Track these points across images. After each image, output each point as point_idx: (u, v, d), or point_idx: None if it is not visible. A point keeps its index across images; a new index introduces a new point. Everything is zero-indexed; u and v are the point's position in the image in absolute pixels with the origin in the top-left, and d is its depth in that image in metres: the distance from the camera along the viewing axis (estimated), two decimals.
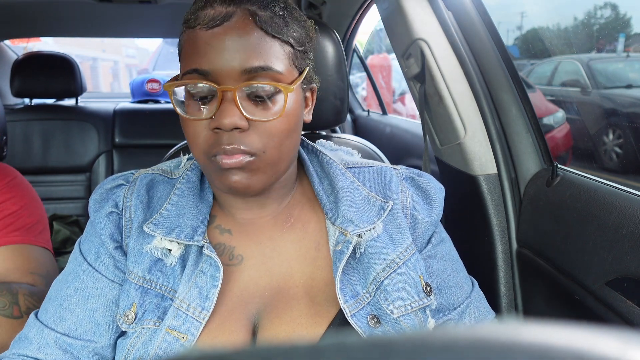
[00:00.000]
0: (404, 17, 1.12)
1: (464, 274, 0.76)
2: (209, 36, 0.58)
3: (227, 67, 0.58)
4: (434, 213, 0.74)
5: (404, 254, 0.68)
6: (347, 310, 0.63)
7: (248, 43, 0.58)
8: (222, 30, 0.58)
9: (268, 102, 0.60)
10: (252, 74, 0.58)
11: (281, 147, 0.61)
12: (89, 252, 0.70)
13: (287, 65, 0.61)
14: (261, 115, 0.59)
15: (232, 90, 0.58)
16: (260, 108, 0.60)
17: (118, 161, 2.18)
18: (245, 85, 0.58)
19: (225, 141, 0.59)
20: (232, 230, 0.70)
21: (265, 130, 0.60)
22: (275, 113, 0.60)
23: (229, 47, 0.57)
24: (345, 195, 0.69)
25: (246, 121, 0.59)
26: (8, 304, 0.89)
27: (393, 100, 6.65)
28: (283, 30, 0.60)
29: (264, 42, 0.58)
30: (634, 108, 3.35)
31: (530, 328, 0.17)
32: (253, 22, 0.58)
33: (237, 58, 0.57)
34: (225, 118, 0.57)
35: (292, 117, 0.62)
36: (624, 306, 0.76)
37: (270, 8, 0.60)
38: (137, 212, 0.69)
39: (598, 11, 4.38)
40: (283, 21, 0.60)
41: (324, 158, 0.74)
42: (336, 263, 0.65)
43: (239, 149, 0.59)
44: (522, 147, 1.07)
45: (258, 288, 0.67)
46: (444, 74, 1.10)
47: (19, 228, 1.01)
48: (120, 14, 2.12)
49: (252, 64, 0.58)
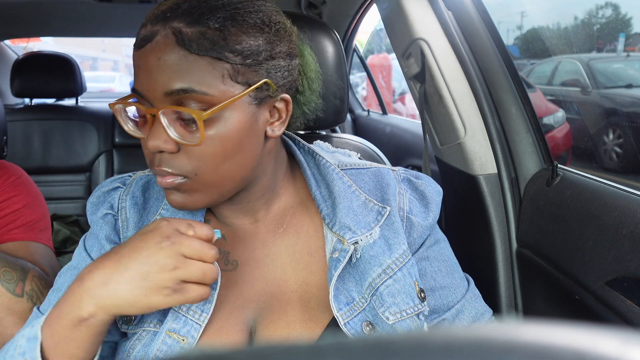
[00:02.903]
0: (404, 16, 1.12)
1: (458, 275, 0.76)
2: (137, 57, 0.57)
3: (151, 89, 0.56)
4: (430, 217, 0.73)
5: (399, 259, 0.68)
6: (341, 319, 0.63)
7: (167, 65, 0.55)
8: (146, 51, 0.56)
9: (193, 126, 0.57)
10: (175, 97, 0.56)
11: (218, 170, 0.59)
12: (92, 249, 0.70)
13: (221, 84, 0.56)
14: (189, 139, 0.57)
15: (155, 112, 0.57)
16: (188, 130, 0.57)
17: (118, 161, 2.18)
18: (163, 109, 0.56)
19: (156, 163, 0.59)
20: (225, 235, 0.70)
21: (194, 154, 0.58)
22: (198, 137, 0.56)
23: (152, 68, 0.56)
24: (342, 200, 0.68)
25: (174, 144, 0.57)
26: (15, 278, 0.90)
27: (393, 100, 6.65)
28: (216, 47, 0.55)
29: (185, 62, 0.55)
30: (634, 108, 3.35)
31: (530, 328, 0.17)
32: (175, 41, 0.55)
33: (158, 80, 0.55)
34: (149, 140, 0.57)
35: (230, 139, 0.58)
36: (624, 306, 0.76)
37: (202, 23, 0.55)
38: (132, 213, 0.69)
39: (599, 11, 4.38)
40: (220, 35, 0.55)
41: (321, 161, 0.73)
42: (331, 271, 0.65)
43: (167, 171, 0.59)
44: (522, 147, 1.07)
45: (253, 293, 0.67)
46: (444, 74, 1.10)
47: (21, 225, 1.02)
48: (120, 14, 2.12)
49: (172, 87, 0.55)
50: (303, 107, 0.71)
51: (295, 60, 0.64)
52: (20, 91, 2.16)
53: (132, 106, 0.61)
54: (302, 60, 0.68)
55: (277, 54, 0.60)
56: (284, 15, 0.64)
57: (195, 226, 0.57)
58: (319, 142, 0.83)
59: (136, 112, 0.62)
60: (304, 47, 0.69)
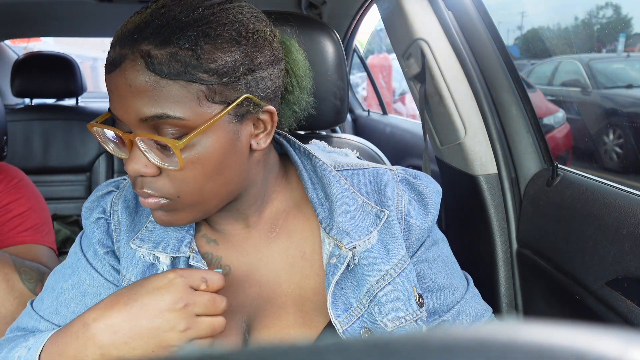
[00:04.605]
0: (404, 17, 1.12)
1: (458, 275, 0.75)
2: (108, 81, 0.55)
3: (125, 115, 0.54)
4: (429, 219, 0.72)
5: (398, 265, 0.66)
6: (339, 326, 0.63)
7: (138, 91, 0.52)
8: (115, 76, 0.54)
9: (171, 150, 0.55)
10: (151, 122, 0.53)
11: (202, 190, 0.58)
12: (88, 249, 0.70)
13: (197, 106, 0.53)
14: (169, 163, 0.55)
15: (132, 138, 0.55)
16: (167, 155, 0.55)
17: (118, 161, 2.18)
18: (139, 136, 0.54)
19: (138, 185, 0.58)
20: (217, 240, 0.69)
21: (175, 177, 0.56)
22: (177, 162, 0.55)
23: (123, 94, 0.53)
24: (340, 203, 0.67)
25: (154, 167, 0.56)
26: (34, 279, 0.91)
27: (393, 100, 6.65)
28: (188, 68, 0.52)
29: (157, 87, 0.52)
30: (634, 108, 3.35)
31: (530, 328, 0.16)
32: (144, 66, 0.52)
33: (131, 106, 0.53)
34: (129, 165, 0.56)
35: (211, 160, 0.56)
36: (624, 306, 0.76)
37: (172, 43, 0.52)
38: (124, 217, 0.69)
39: (599, 11, 4.38)
40: (192, 55, 0.52)
41: (317, 162, 0.70)
42: (329, 277, 0.64)
43: (149, 193, 0.58)
44: (523, 147, 1.07)
45: (247, 298, 0.66)
46: (444, 74, 1.09)
47: (28, 228, 1.03)
48: (120, 14, 2.12)
49: (145, 113, 0.53)
50: (293, 107, 0.68)
51: (280, 65, 0.61)
52: (20, 91, 2.16)
53: (109, 130, 0.59)
54: (289, 58, 0.65)
55: (256, 66, 0.56)
56: (264, 19, 0.60)
57: (209, 278, 0.56)
58: (315, 142, 0.81)
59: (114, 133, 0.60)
60: (292, 44, 0.66)
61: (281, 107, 0.67)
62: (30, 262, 0.94)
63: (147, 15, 0.53)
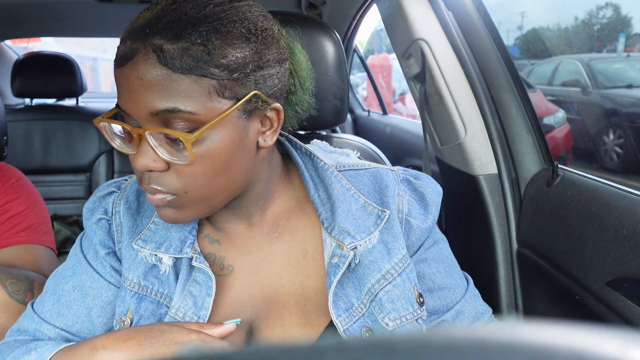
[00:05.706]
0: (404, 17, 1.12)
1: (458, 275, 0.75)
2: (118, 75, 0.55)
3: (135, 109, 0.54)
4: (429, 219, 0.72)
5: (399, 265, 0.67)
6: (340, 325, 0.63)
7: (150, 85, 0.52)
8: (127, 70, 0.54)
9: (181, 145, 0.55)
10: (161, 117, 0.54)
11: (210, 186, 0.58)
12: (89, 251, 0.70)
13: (208, 101, 0.54)
14: (179, 158, 0.55)
15: (141, 132, 0.55)
16: (177, 149, 0.56)
17: (118, 161, 2.18)
18: (149, 130, 0.54)
19: (145, 181, 0.58)
20: (220, 240, 0.69)
21: (184, 172, 0.56)
22: (187, 157, 0.55)
23: (134, 88, 0.53)
24: (341, 204, 0.67)
25: (163, 162, 0.56)
26: (23, 289, 0.90)
27: (393, 100, 6.65)
28: (200, 63, 0.53)
29: (169, 81, 0.52)
30: (634, 108, 3.35)
31: (530, 328, 0.16)
32: (157, 60, 0.52)
33: (142, 100, 0.53)
34: (138, 159, 0.56)
35: (221, 156, 0.56)
36: (624, 306, 0.76)
37: (184, 38, 0.52)
38: (125, 218, 0.68)
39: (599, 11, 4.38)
40: (204, 50, 0.53)
41: (319, 163, 0.70)
42: (330, 277, 0.64)
43: (156, 189, 0.57)
44: (523, 147, 1.07)
45: (250, 298, 0.66)
46: (444, 74, 1.10)
47: (26, 228, 1.02)
48: (120, 14, 2.12)
49: (156, 107, 0.53)
50: (295, 107, 0.69)
51: (286, 65, 0.62)
52: (20, 91, 2.16)
53: (117, 124, 0.59)
54: (293, 60, 0.65)
55: (265, 63, 0.57)
56: (271, 18, 0.61)
57: (229, 338, 0.59)
58: (316, 142, 0.81)
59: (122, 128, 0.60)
60: (295, 45, 0.66)
61: (284, 107, 0.67)
62: (18, 271, 0.92)
63: (159, 11, 0.54)
